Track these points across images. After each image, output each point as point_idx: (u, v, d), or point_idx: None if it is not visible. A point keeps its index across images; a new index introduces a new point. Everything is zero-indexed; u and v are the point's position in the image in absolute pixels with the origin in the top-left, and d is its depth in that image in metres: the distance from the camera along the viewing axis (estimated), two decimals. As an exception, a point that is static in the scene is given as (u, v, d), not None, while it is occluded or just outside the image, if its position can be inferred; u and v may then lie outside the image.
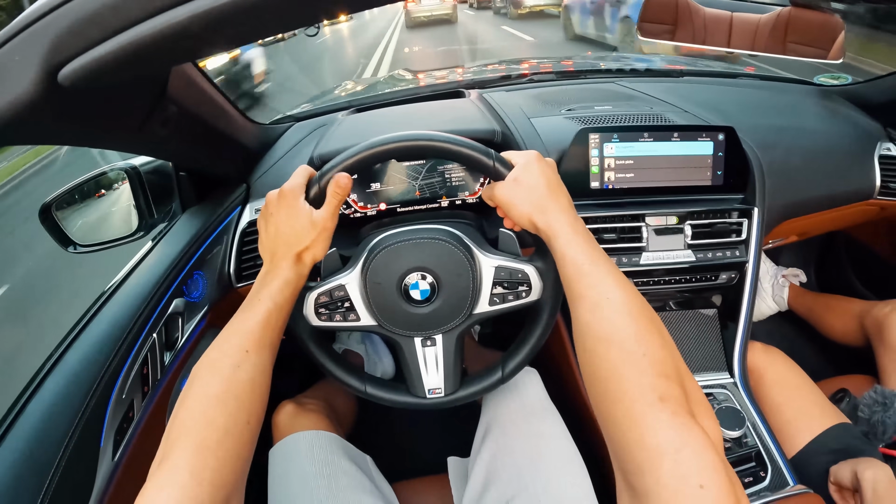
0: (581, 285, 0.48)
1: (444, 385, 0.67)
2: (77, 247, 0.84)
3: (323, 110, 1.01)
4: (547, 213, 0.54)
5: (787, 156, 0.91)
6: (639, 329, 0.44)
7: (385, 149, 0.59)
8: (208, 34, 0.36)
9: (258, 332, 0.51)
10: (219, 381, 0.47)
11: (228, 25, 0.35)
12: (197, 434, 0.43)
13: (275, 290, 0.54)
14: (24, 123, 0.39)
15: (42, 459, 0.52)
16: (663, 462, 0.36)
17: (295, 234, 0.56)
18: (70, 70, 0.37)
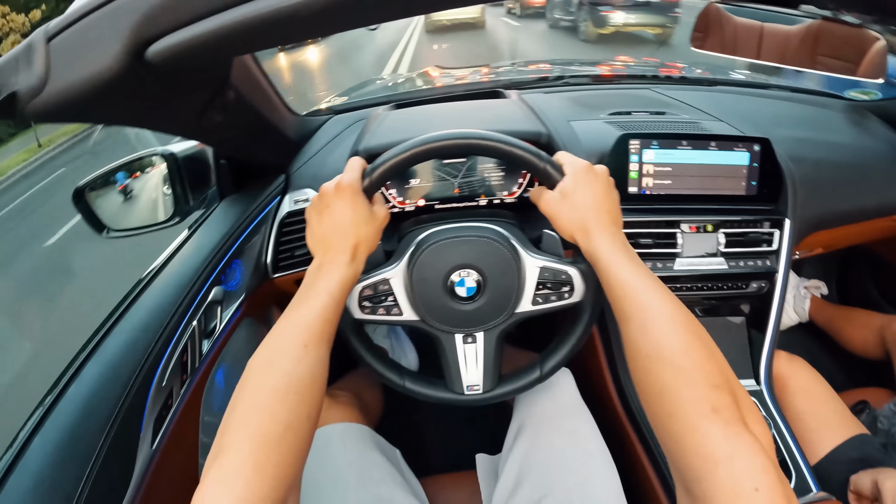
0: (627, 305, 0.50)
1: (482, 382, 0.67)
2: (110, 231, 0.84)
3: (361, 104, 1.01)
4: (589, 234, 0.55)
5: (818, 169, 0.92)
6: (687, 344, 0.45)
7: (438, 145, 0.60)
8: (308, 22, 0.35)
9: (317, 327, 0.51)
10: (279, 375, 0.46)
11: (329, 15, 0.34)
12: (259, 428, 0.42)
13: (332, 284, 0.53)
14: (97, 99, 0.38)
15: (83, 446, 0.52)
16: (718, 469, 0.38)
17: (354, 226, 0.55)
18: (160, 47, 0.36)
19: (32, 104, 0.37)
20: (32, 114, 0.37)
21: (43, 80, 0.36)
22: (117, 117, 0.50)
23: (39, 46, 0.36)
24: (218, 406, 0.80)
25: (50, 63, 0.36)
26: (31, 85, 0.36)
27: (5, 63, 0.38)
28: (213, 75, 0.55)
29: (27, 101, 0.37)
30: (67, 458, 0.50)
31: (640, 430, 0.81)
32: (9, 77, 0.37)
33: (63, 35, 0.36)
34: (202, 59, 0.41)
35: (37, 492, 0.48)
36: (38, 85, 0.36)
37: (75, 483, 0.49)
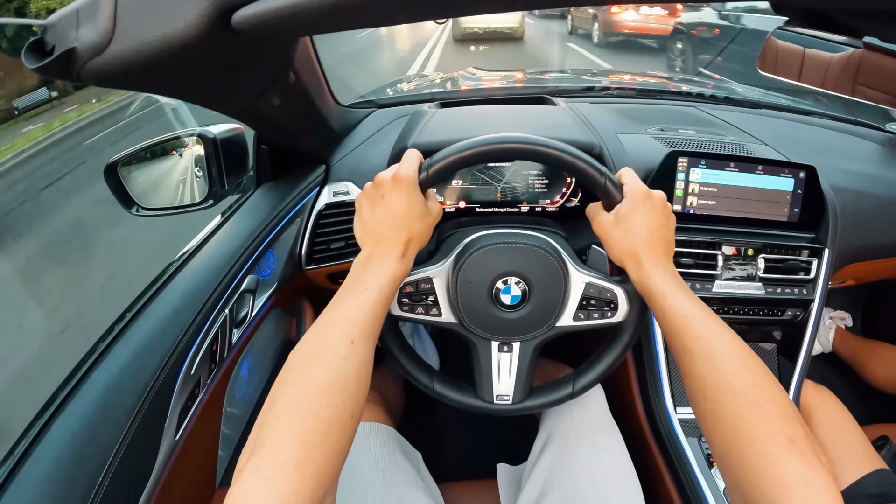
0: (688, 338, 0.49)
1: (513, 393, 0.66)
2: (140, 209, 0.82)
3: (405, 100, 0.99)
4: (641, 264, 0.55)
5: (858, 201, 0.91)
6: (755, 376, 0.46)
7: (500, 147, 0.58)
8: (412, 5, 0.32)
9: (365, 323, 0.48)
10: (324, 372, 0.44)
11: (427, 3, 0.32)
12: (301, 426, 0.40)
13: (383, 279, 0.51)
14: (165, 65, 0.35)
15: (105, 433, 0.49)
16: (795, 494, 0.39)
17: (409, 220, 0.53)
18: (248, 13, 0.32)
19: (91, 64, 0.33)
20: (90, 75, 0.34)
21: (107, 38, 0.33)
22: (178, 88, 0.47)
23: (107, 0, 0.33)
24: (241, 397, 0.78)
25: (117, 18, 0.33)
26: (92, 42, 0.33)
27: (64, 16, 0.34)
28: (281, 55, 0.52)
29: (86, 61, 0.33)
30: (88, 447, 0.48)
31: (666, 452, 0.80)
32: (67, 32, 0.33)
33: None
34: (288, 33, 0.37)
35: (54, 478, 0.45)
36: (102, 43, 0.33)
37: (96, 470, 0.47)
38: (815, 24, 0.76)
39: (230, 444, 0.74)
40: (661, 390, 0.84)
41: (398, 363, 0.66)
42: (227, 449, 0.73)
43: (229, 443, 0.74)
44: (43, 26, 0.34)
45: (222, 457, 0.72)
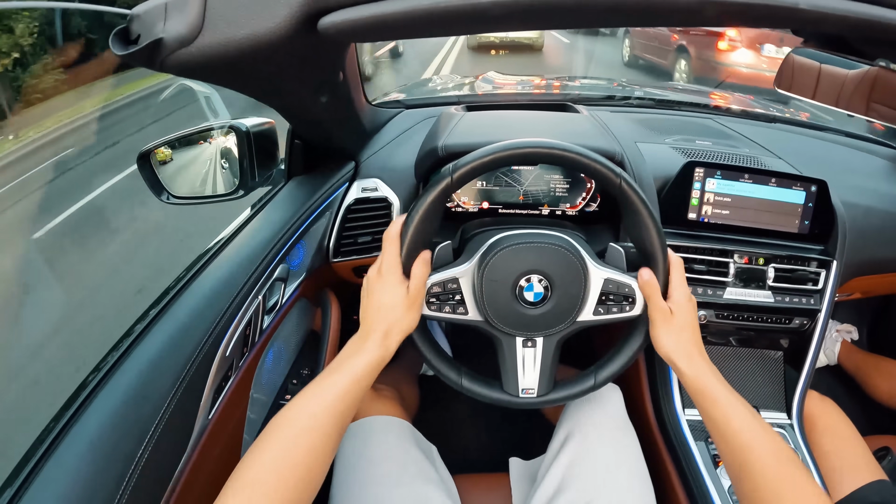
0: (730, 428, 0.56)
1: (537, 386, 0.68)
2: (170, 197, 0.84)
3: (431, 102, 1.02)
4: (695, 363, 0.60)
5: (867, 216, 0.93)
6: (794, 476, 0.51)
7: (524, 151, 0.62)
8: (499, 19, 0.33)
9: (335, 404, 0.53)
10: (285, 444, 0.48)
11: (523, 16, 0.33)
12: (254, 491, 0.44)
13: (359, 367, 0.56)
14: (248, 61, 0.36)
15: (146, 407, 0.51)
16: None
17: (388, 310, 0.59)
18: (335, 19, 0.34)
19: (176, 55, 0.34)
20: (173, 65, 0.35)
21: (195, 32, 0.34)
22: (249, 84, 0.48)
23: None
24: (266, 382, 0.81)
25: (207, 14, 0.34)
26: (180, 34, 0.34)
27: (152, 7, 0.35)
28: (342, 55, 0.55)
29: (171, 52, 0.34)
30: (129, 420, 0.50)
31: (674, 452, 0.82)
32: (155, 23, 0.35)
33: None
34: (370, 38, 0.40)
35: (96, 448, 0.47)
36: (189, 36, 0.34)
37: (136, 444, 0.49)
38: (830, 46, 0.79)
39: (254, 429, 0.77)
40: (670, 392, 0.86)
41: (427, 361, 0.68)
42: (252, 433, 0.76)
43: (253, 427, 0.76)
44: (129, 16, 0.36)
45: (247, 440, 0.74)
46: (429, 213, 0.65)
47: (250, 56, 0.36)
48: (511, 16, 0.32)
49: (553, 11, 0.32)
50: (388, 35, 0.39)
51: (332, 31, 0.35)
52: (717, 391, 0.58)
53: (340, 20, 0.34)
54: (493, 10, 0.32)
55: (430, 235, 0.68)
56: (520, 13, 0.32)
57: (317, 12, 0.34)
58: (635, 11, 0.34)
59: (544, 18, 0.36)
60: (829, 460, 0.87)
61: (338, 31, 0.35)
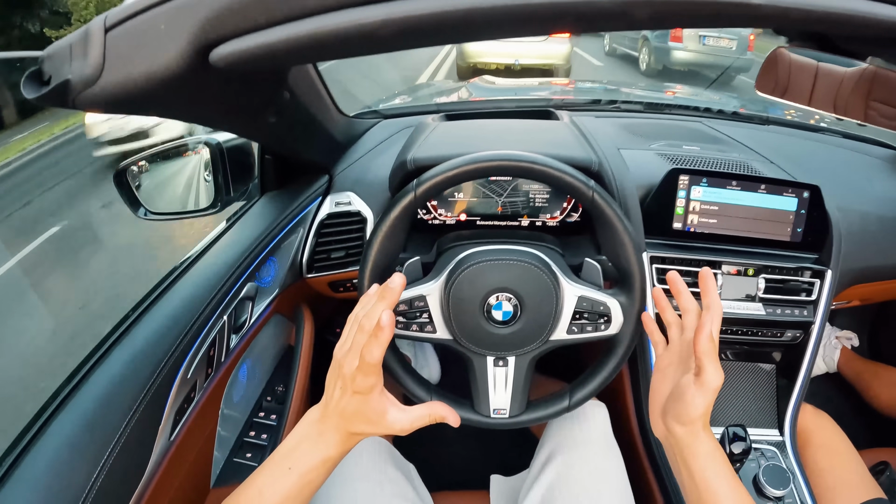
0: None
1: (509, 406, 0.67)
2: (147, 213, 0.84)
3: (410, 111, 1.00)
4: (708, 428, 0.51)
5: (864, 221, 0.90)
6: None
7: (487, 165, 0.62)
8: (390, 39, 0.32)
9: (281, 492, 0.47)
10: None
11: (418, 34, 0.32)
12: None
13: (311, 462, 0.48)
14: (152, 95, 0.37)
15: (103, 431, 0.51)
16: None
17: (356, 422, 0.49)
18: (225, 51, 0.34)
19: (84, 94, 0.35)
20: (83, 104, 0.36)
21: (98, 71, 0.35)
22: (170, 113, 0.49)
23: (97, 36, 0.35)
24: (238, 399, 0.80)
25: (107, 55, 0.35)
26: (84, 75, 0.35)
27: (58, 50, 0.36)
28: (273, 78, 0.54)
29: (79, 91, 0.35)
30: (85, 443, 0.50)
31: (661, 478, 0.79)
32: (62, 64, 0.35)
33: (123, 27, 0.35)
34: (267, 66, 0.39)
35: (52, 474, 0.47)
36: (93, 76, 0.35)
37: (91, 467, 0.49)
38: (815, 45, 0.75)
39: (226, 446, 0.76)
40: None
41: (396, 379, 0.66)
42: (223, 450, 0.75)
43: (225, 444, 0.76)
44: (40, 58, 0.37)
45: (217, 458, 0.73)
46: (392, 231, 0.63)
47: (154, 91, 0.36)
48: (402, 34, 0.31)
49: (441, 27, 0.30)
50: (283, 62, 0.38)
51: (223, 63, 0.34)
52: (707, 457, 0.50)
53: (228, 52, 0.33)
54: (382, 29, 0.30)
55: (396, 252, 0.66)
56: (413, 31, 0.30)
57: (206, 45, 0.34)
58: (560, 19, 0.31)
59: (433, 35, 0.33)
60: (824, 478, 0.84)
61: (229, 63, 0.34)
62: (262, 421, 0.80)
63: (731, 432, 0.73)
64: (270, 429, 0.79)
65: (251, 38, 0.32)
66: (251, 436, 0.78)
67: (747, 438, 0.73)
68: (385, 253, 0.63)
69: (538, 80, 1.46)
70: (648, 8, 0.31)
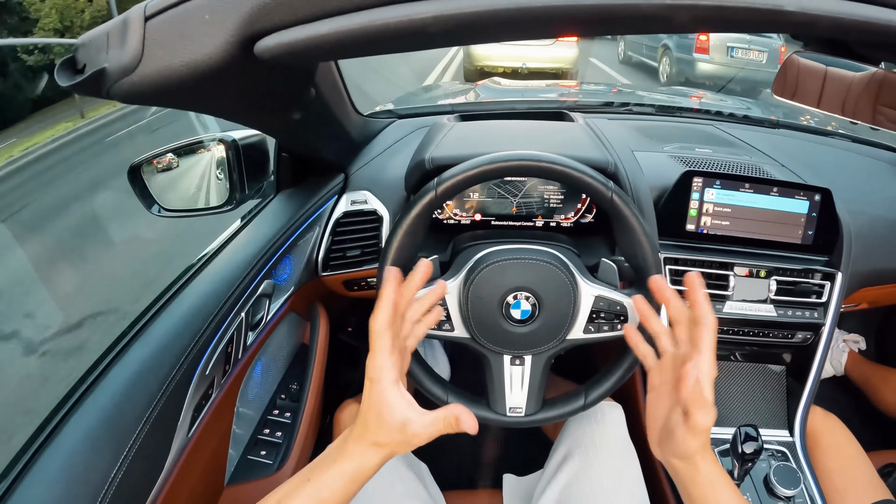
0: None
1: (525, 405, 0.67)
2: (161, 210, 0.84)
3: (424, 111, 1.01)
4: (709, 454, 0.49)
5: (873, 224, 0.90)
6: None
7: (508, 165, 0.62)
8: (439, 35, 0.32)
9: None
10: None
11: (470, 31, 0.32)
12: None
13: (324, 477, 0.45)
14: (190, 87, 0.36)
15: (122, 426, 0.51)
16: None
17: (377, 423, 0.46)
18: (270, 43, 0.33)
19: (120, 84, 0.35)
20: (119, 94, 0.36)
21: (136, 61, 0.34)
22: (203, 106, 0.49)
23: (136, 25, 0.34)
24: (253, 397, 0.80)
25: (146, 44, 0.34)
26: (122, 64, 0.34)
27: (95, 38, 0.35)
28: (305, 74, 0.54)
29: (115, 81, 0.35)
30: (104, 439, 0.50)
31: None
32: (98, 53, 0.35)
33: (164, 16, 0.34)
34: (311, 60, 0.39)
35: (70, 469, 0.47)
36: (130, 65, 0.34)
37: (110, 464, 0.48)
38: (830, 50, 0.76)
39: (240, 444, 0.76)
40: None
41: (413, 376, 0.67)
42: (238, 448, 0.75)
43: (240, 442, 0.76)
44: (75, 45, 0.36)
45: (232, 455, 0.74)
46: (413, 229, 0.63)
47: (193, 82, 0.36)
48: (453, 31, 0.31)
49: (492, 25, 0.31)
50: (329, 56, 0.38)
51: (268, 55, 0.34)
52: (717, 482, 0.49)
53: (275, 44, 0.33)
54: (433, 25, 0.30)
55: (415, 251, 0.67)
56: (464, 28, 0.30)
57: (251, 36, 0.33)
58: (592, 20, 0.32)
59: (483, 32, 0.34)
60: (833, 479, 0.84)
61: (274, 55, 0.34)
62: (277, 419, 0.80)
63: (742, 432, 0.74)
64: (285, 427, 0.79)
65: (298, 30, 0.32)
66: (265, 434, 0.78)
67: (759, 438, 0.73)
68: (405, 251, 0.64)
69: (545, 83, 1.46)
70: (687, 12, 0.31)
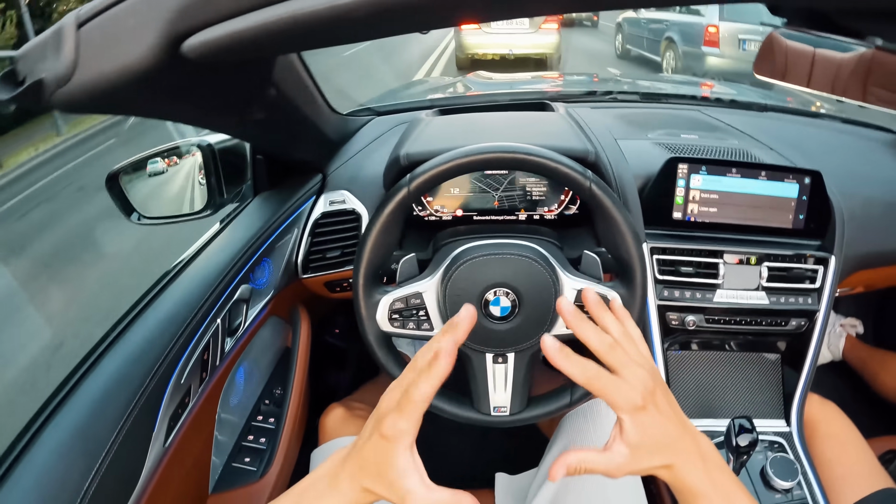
0: None
1: (510, 404, 0.65)
2: (141, 217, 0.83)
3: (403, 107, 0.99)
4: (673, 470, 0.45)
5: (867, 206, 0.88)
6: None
7: (481, 158, 0.60)
8: (368, 23, 0.31)
9: None
10: None
11: (390, 17, 0.31)
12: None
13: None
14: (128, 92, 0.36)
15: (95, 439, 0.51)
16: None
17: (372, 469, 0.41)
18: (196, 42, 0.33)
19: (59, 93, 0.35)
20: (59, 103, 0.35)
21: (71, 69, 0.34)
22: (149, 110, 0.48)
23: (69, 33, 0.34)
24: (236, 403, 0.79)
25: (79, 51, 0.34)
26: (58, 73, 0.34)
27: (32, 48, 0.35)
28: (256, 72, 0.53)
29: (54, 90, 0.34)
30: (77, 452, 0.50)
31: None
32: (36, 63, 0.35)
33: (94, 22, 0.34)
34: (242, 57, 0.38)
35: (43, 483, 0.47)
36: (66, 73, 0.34)
37: (83, 476, 0.48)
38: (814, 24, 0.74)
39: (225, 451, 0.75)
40: None
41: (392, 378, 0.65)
42: (221, 455, 0.74)
43: (224, 449, 0.75)
44: (15, 57, 0.36)
45: (216, 463, 0.72)
46: (387, 227, 0.62)
47: (129, 88, 0.35)
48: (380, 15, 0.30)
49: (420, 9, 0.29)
50: (257, 51, 0.37)
51: (194, 54, 0.33)
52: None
53: (199, 43, 0.32)
54: (357, 10, 0.29)
55: (391, 249, 0.65)
56: (391, 11, 0.29)
57: (177, 37, 0.33)
58: None
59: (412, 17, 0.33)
60: (832, 469, 0.82)
61: (200, 54, 0.33)
62: (261, 425, 0.79)
63: (737, 424, 0.72)
64: (269, 432, 0.78)
65: (221, 27, 0.31)
66: (249, 440, 0.77)
67: (754, 430, 0.72)
68: (379, 250, 0.62)
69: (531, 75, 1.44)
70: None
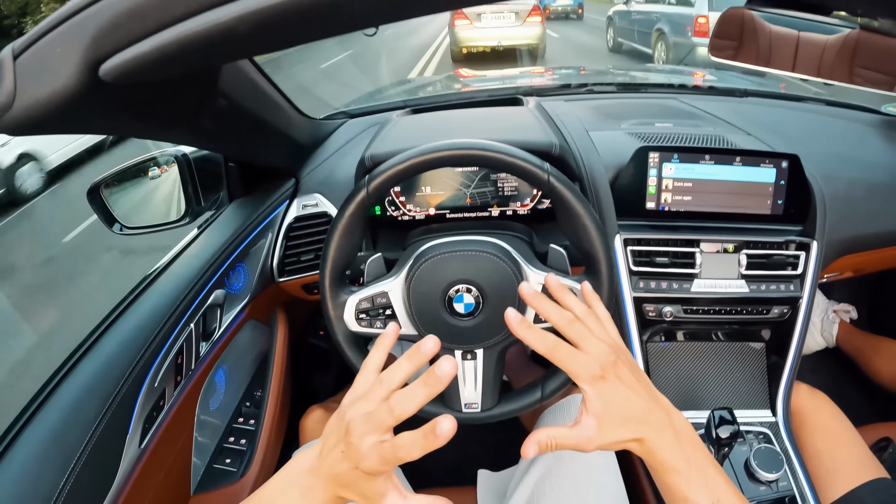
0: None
1: (480, 400, 0.65)
2: (123, 228, 0.85)
3: (377, 108, 1.00)
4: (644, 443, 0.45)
5: (850, 188, 0.87)
6: None
7: (436, 156, 0.59)
8: (256, 35, 0.33)
9: None
10: None
11: (278, 28, 0.33)
12: None
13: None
14: (66, 114, 0.39)
15: (69, 442, 0.53)
16: None
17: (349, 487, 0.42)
18: (111, 65, 0.35)
19: (3, 120, 0.37)
20: (5, 129, 0.38)
21: (11, 97, 0.36)
22: (91, 128, 0.51)
23: (7, 63, 0.36)
24: (215, 406, 0.80)
25: (17, 80, 0.36)
26: (0, 101, 0.37)
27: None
28: (192, 85, 0.54)
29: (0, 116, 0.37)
30: (53, 453, 0.51)
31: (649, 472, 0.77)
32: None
33: (28, 52, 0.36)
34: (163, 74, 0.39)
35: (20, 483, 0.49)
36: (7, 101, 0.36)
37: (59, 475, 0.50)
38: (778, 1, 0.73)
39: (206, 452, 0.76)
40: None
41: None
42: (202, 456, 0.75)
43: (205, 451, 0.76)
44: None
45: (197, 464, 0.74)
46: (349, 229, 0.62)
47: (66, 111, 0.37)
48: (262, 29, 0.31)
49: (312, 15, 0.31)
50: (173, 70, 0.38)
51: (109, 78, 0.35)
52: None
53: (112, 66, 0.34)
54: (240, 26, 0.30)
55: (355, 251, 0.66)
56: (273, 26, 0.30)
57: (95, 63, 0.35)
58: None
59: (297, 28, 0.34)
60: (822, 460, 0.80)
61: (115, 77, 0.35)
62: (241, 426, 0.80)
63: (716, 416, 0.71)
64: (249, 434, 0.79)
65: (131, 50, 0.33)
66: (230, 441, 0.78)
67: (735, 422, 0.70)
68: (343, 252, 0.63)
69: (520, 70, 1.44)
70: None
